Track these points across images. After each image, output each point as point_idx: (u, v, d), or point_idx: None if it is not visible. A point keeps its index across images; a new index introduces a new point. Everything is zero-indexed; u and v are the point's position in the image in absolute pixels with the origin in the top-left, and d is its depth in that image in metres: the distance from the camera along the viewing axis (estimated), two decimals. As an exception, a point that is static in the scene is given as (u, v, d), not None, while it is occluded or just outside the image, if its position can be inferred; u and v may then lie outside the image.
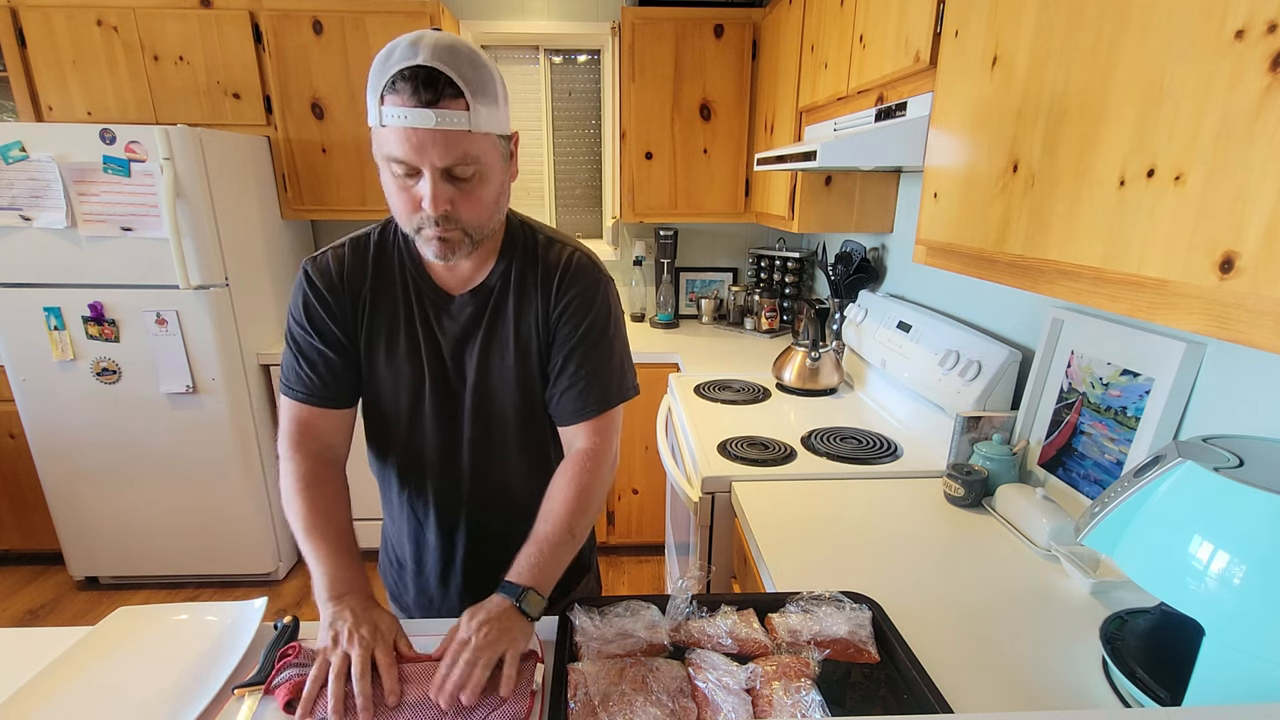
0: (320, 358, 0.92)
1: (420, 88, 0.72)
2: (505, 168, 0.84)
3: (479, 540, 1.02)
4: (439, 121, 0.73)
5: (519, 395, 0.96)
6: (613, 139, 2.89)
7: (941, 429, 1.46)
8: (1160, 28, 0.66)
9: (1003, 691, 0.78)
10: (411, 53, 0.73)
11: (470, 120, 0.75)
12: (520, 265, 0.94)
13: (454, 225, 0.80)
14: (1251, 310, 0.58)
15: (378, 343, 0.93)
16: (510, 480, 1.00)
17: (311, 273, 0.92)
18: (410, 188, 0.78)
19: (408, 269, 0.93)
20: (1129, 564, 0.68)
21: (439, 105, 0.73)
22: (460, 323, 0.93)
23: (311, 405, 0.93)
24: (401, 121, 0.73)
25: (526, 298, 0.94)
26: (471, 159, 0.77)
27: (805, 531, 1.16)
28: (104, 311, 2.20)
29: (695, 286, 3.08)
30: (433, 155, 0.75)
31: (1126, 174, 0.70)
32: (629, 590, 2.54)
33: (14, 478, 2.47)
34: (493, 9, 2.74)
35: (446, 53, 0.74)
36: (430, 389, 0.94)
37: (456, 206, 0.79)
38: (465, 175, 0.78)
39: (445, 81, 0.73)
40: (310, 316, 0.92)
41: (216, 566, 2.49)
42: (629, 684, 0.71)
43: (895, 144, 1.25)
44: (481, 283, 0.93)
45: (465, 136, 0.75)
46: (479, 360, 0.93)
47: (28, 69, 2.35)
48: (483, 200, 0.81)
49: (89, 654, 0.80)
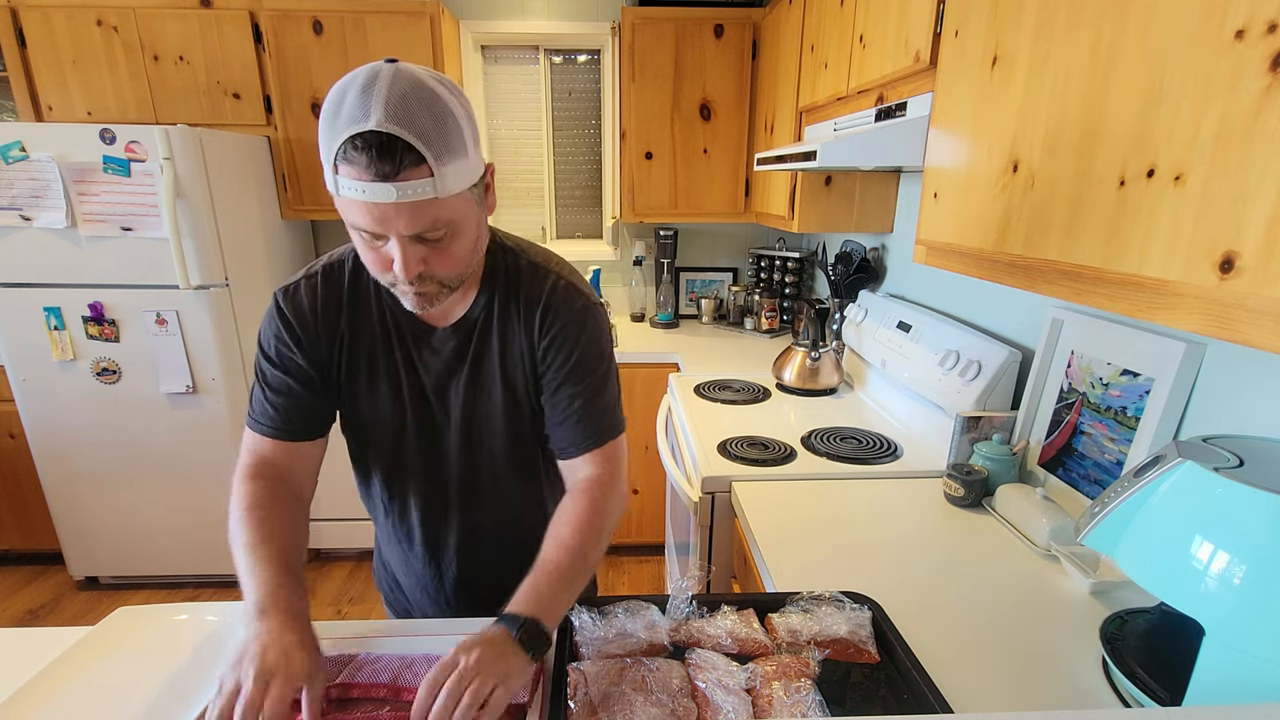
0: (287, 391, 0.87)
1: (376, 159, 0.64)
2: (480, 212, 0.78)
3: (470, 573, 1.00)
4: (401, 195, 0.66)
5: (506, 428, 0.92)
6: (613, 139, 2.89)
7: (941, 429, 1.46)
8: (1160, 28, 0.66)
9: (1003, 691, 0.78)
10: (362, 112, 0.64)
11: (436, 186, 0.68)
12: (503, 294, 0.89)
13: (430, 281, 0.76)
14: (1251, 310, 0.58)
15: (358, 377, 0.90)
16: (503, 515, 0.98)
17: (284, 305, 0.86)
18: (379, 249, 0.73)
19: (384, 301, 0.88)
20: (1129, 564, 0.68)
21: (399, 178, 0.65)
22: (443, 357, 0.89)
23: (276, 439, 0.88)
24: (360, 196, 0.66)
25: (510, 328, 0.89)
26: (442, 223, 0.71)
27: (805, 531, 1.16)
28: (104, 311, 2.20)
29: (695, 286, 3.08)
30: (398, 225, 0.69)
31: (1126, 174, 0.70)
32: (629, 590, 2.54)
33: (14, 478, 2.47)
34: (493, 9, 2.74)
35: (401, 108, 0.65)
36: (413, 424, 0.91)
37: (430, 265, 0.74)
38: (436, 237, 0.72)
39: (404, 148, 0.65)
40: (279, 350, 0.87)
41: (216, 566, 2.49)
42: (629, 684, 0.71)
43: (895, 144, 1.25)
44: (464, 315, 0.89)
45: (433, 204, 0.69)
46: (465, 395, 0.90)
47: (28, 69, 2.35)
48: (457, 255, 0.76)
49: (89, 654, 0.80)
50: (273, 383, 0.87)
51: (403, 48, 2.39)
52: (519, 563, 0.79)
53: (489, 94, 2.90)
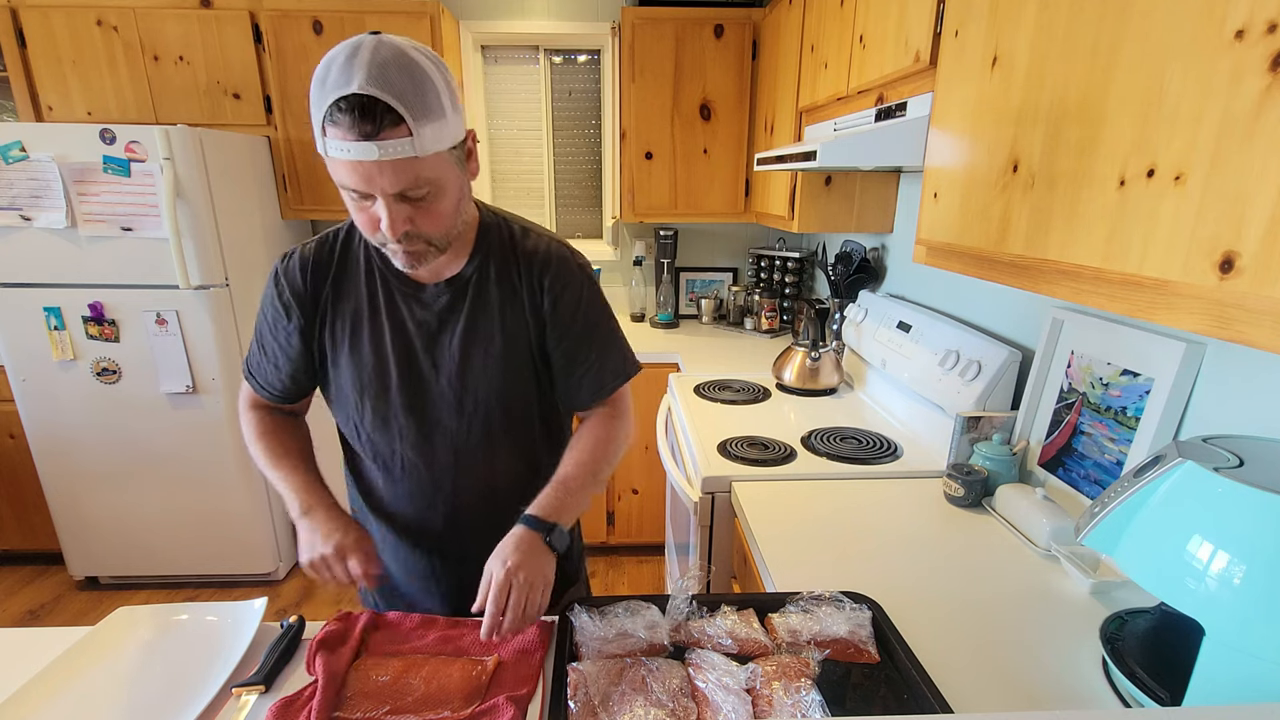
0: (274, 354, 0.96)
1: (358, 120, 0.69)
2: (462, 174, 0.83)
3: (462, 543, 0.99)
4: (382, 153, 0.71)
5: (504, 386, 0.94)
6: (613, 139, 2.89)
7: (941, 429, 1.46)
8: (1160, 27, 0.66)
9: (1003, 691, 0.78)
10: (345, 78, 0.70)
11: (415, 145, 0.72)
12: (500, 256, 0.94)
13: (417, 239, 0.80)
14: (1251, 310, 0.58)
15: (341, 333, 0.93)
16: (497, 480, 0.98)
17: (280, 271, 0.93)
18: (368, 209, 0.77)
19: (374, 261, 0.93)
20: (1129, 564, 0.68)
21: (380, 136, 0.70)
22: (435, 311, 0.92)
23: (263, 396, 1.00)
24: (345, 155, 0.71)
25: (510, 287, 0.93)
26: (423, 182, 0.76)
27: (805, 531, 1.16)
28: (104, 311, 2.20)
29: (695, 286, 3.08)
30: (382, 183, 0.74)
31: (1127, 174, 0.70)
32: (629, 590, 2.54)
33: (14, 478, 2.47)
34: (493, 9, 2.74)
35: (381, 73, 0.70)
36: (398, 379, 0.92)
37: (416, 223, 0.79)
38: (419, 195, 0.77)
39: (383, 109, 0.70)
40: (273, 315, 0.94)
41: (216, 566, 2.49)
42: (629, 684, 0.71)
43: (895, 144, 1.25)
44: (457, 274, 0.92)
45: (413, 162, 0.74)
46: (460, 350, 0.92)
47: (28, 69, 2.35)
48: (442, 213, 0.81)
49: (89, 654, 0.80)
50: (266, 345, 0.96)
51: (403, 48, 2.38)
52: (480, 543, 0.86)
53: (489, 94, 2.90)
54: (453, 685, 0.74)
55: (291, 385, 0.97)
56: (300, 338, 0.93)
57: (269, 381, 0.98)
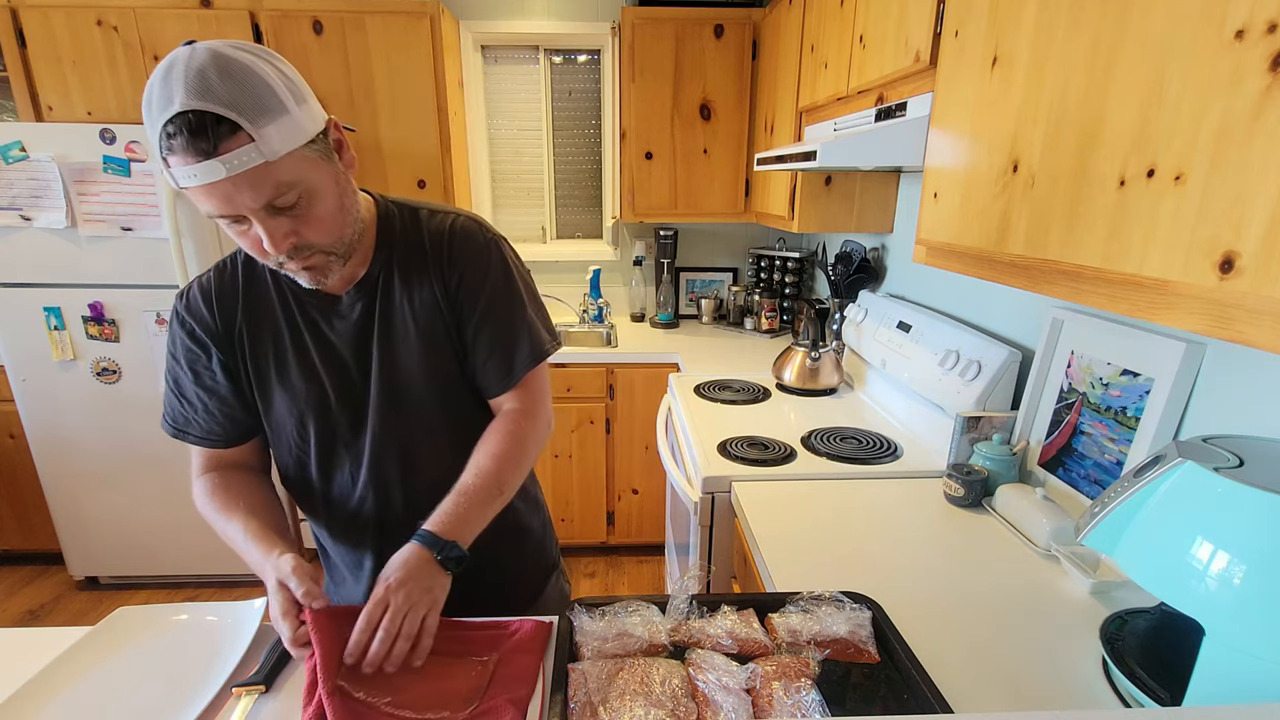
0: (200, 400, 0.88)
1: (191, 139, 0.63)
2: (333, 168, 0.75)
3: None
4: (229, 168, 0.64)
5: (430, 380, 0.90)
6: (613, 139, 2.89)
7: (941, 429, 1.46)
8: (1160, 27, 0.66)
9: (1003, 691, 0.78)
10: (165, 98, 0.63)
11: (261, 150, 0.66)
12: (403, 246, 0.88)
13: (310, 251, 0.74)
14: (1251, 310, 0.58)
15: (266, 367, 0.88)
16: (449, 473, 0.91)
17: (181, 310, 0.86)
18: (246, 232, 0.71)
19: (282, 282, 0.87)
20: (1129, 564, 0.68)
21: (220, 152, 0.64)
22: (353, 321, 0.87)
23: (207, 446, 0.91)
24: (193, 181, 0.65)
25: (416, 275, 0.88)
26: (287, 185, 0.69)
27: (805, 531, 1.16)
28: (104, 311, 2.20)
29: (695, 286, 3.08)
30: (242, 200, 0.67)
31: (1127, 174, 0.70)
32: (629, 590, 2.54)
33: (14, 478, 2.47)
34: (493, 9, 2.74)
35: (200, 83, 0.63)
36: (336, 400, 0.88)
37: (301, 234, 0.73)
38: (289, 203, 0.70)
39: (213, 120, 0.63)
40: (187, 357, 0.87)
41: (216, 566, 2.49)
42: (629, 684, 0.71)
43: (895, 144, 1.25)
44: (365, 274, 0.87)
45: (266, 169, 0.67)
46: (381, 353, 0.88)
47: (28, 69, 2.35)
48: (323, 217, 0.74)
49: (89, 654, 0.80)
50: (187, 394, 0.88)
51: (402, 48, 2.39)
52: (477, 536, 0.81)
53: (489, 94, 2.90)
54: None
55: (230, 425, 0.90)
56: (225, 373, 0.87)
57: (204, 430, 0.89)
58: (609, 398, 2.49)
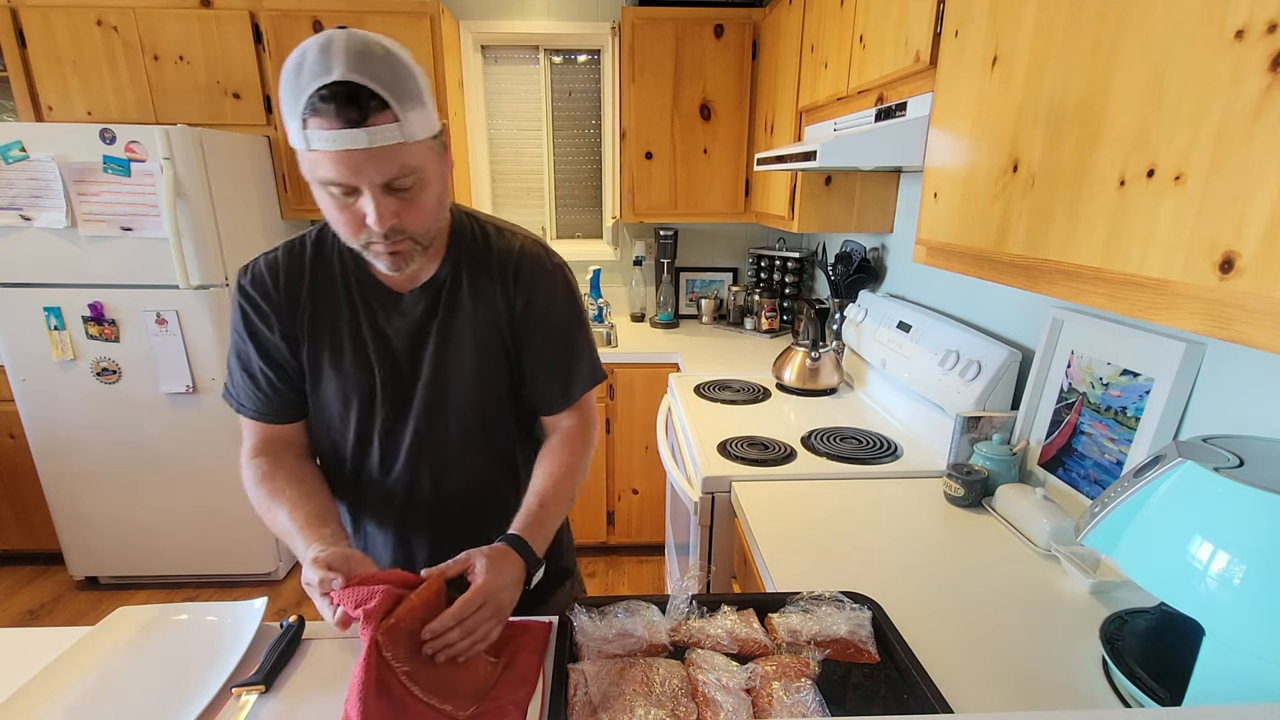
0: (263, 373, 0.90)
1: (345, 107, 0.68)
2: (442, 165, 0.81)
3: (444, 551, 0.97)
4: (372, 140, 0.70)
5: (476, 388, 0.93)
6: (613, 139, 2.89)
7: (941, 429, 1.46)
8: (1160, 27, 0.66)
9: (1003, 692, 0.78)
10: (324, 67, 0.68)
11: (403, 130, 0.72)
12: (471, 256, 0.92)
13: (402, 236, 0.78)
14: (1251, 310, 0.58)
15: (321, 349, 0.90)
16: (473, 482, 0.97)
17: (245, 284, 0.89)
18: (350, 206, 0.75)
19: (349, 270, 0.90)
20: (1129, 564, 0.68)
21: (368, 123, 0.69)
22: (413, 319, 0.91)
23: (265, 422, 0.94)
24: (331, 145, 0.69)
25: (482, 289, 0.91)
26: (410, 169, 0.74)
27: (805, 531, 1.16)
28: (104, 311, 2.20)
29: (695, 286, 3.08)
30: (370, 174, 0.72)
31: (1127, 174, 0.70)
32: (629, 590, 2.54)
33: (14, 478, 2.47)
34: (493, 9, 2.74)
35: (361, 59, 0.69)
36: (382, 391, 0.91)
37: (402, 217, 0.77)
38: (405, 186, 0.75)
39: (369, 95, 0.69)
40: (250, 329, 0.89)
41: (216, 566, 2.49)
42: (629, 684, 0.71)
43: (895, 144, 1.25)
44: (432, 277, 0.90)
45: (400, 149, 0.72)
46: (436, 355, 0.91)
47: (28, 69, 2.35)
48: (426, 206, 0.79)
49: (89, 654, 0.80)
50: (251, 369, 0.91)
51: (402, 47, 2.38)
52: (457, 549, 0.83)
53: (489, 94, 2.90)
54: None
55: (287, 401, 0.93)
56: (288, 347, 0.90)
57: (262, 405, 0.93)
58: (609, 398, 2.49)
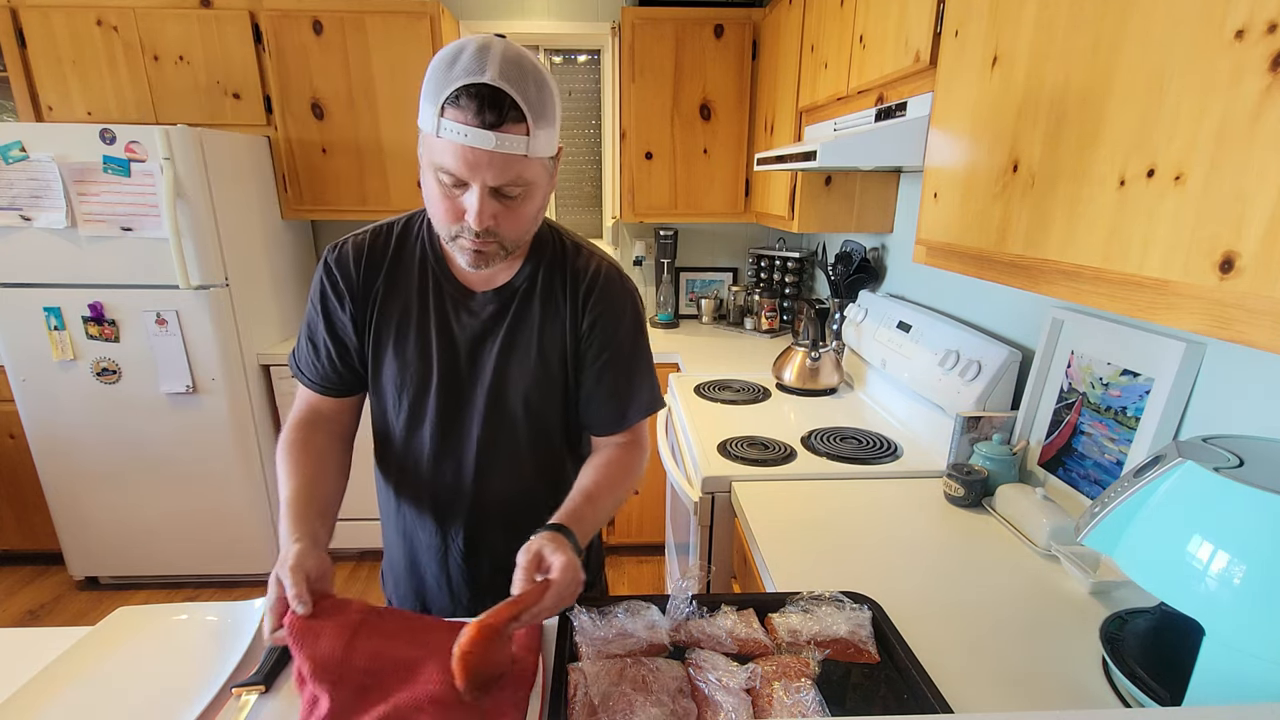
0: (325, 346, 0.94)
1: (485, 108, 0.71)
2: (549, 183, 0.84)
3: (476, 551, 1.00)
4: (499, 145, 0.73)
5: (533, 397, 0.95)
6: (613, 139, 2.89)
7: (941, 429, 1.46)
8: (1160, 27, 0.66)
9: (1003, 692, 0.78)
10: (478, 66, 0.71)
11: (529, 145, 0.75)
12: (549, 270, 0.94)
13: (492, 239, 0.80)
14: (1251, 310, 0.58)
15: (386, 334, 0.93)
16: (517, 488, 0.98)
17: (330, 260, 0.93)
18: (455, 197, 0.78)
19: (429, 261, 0.93)
20: (1129, 564, 0.68)
21: (501, 128, 0.72)
22: (482, 319, 0.92)
23: (316, 391, 0.97)
24: (461, 139, 0.72)
25: (553, 303, 0.94)
26: (522, 181, 0.77)
27: (805, 531, 1.16)
28: (104, 311, 2.20)
29: (695, 286, 3.08)
30: (486, 174, 0.75)
31: (1127, 174, 0.70)
32: (629, 590, 2.53)
33: (14, 478, 2.47)
34: (493, 9, 2.74)
35: (514, 71, 0.73)
36: (438, 383, 0.92)
37: (499, 222, 0.79)
38: (513, 194, 0.78)
39: (510, 104, 0.72)
40: (324, 304, 0.93)
41: (216, 566, 2.49)
42: (629, 684, 0.71)
43: (895, 144, 1.25)
44: (507, 282, 0.92)
45: (521, 160, 0.75)
46: (498, 359, 0.92)
47: (28, 69, 2.35)
48: (525, 217, 0.82)
49: (89, 654, 0.80)
50: (314, 335, 0.94)
51: (402, 48, 2.39)
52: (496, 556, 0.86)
53: (489, 94, 2.90)
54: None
55: (342, 376, 0.96)
56: (353, 326, 0.93)
57: (318, 375, 0.96)
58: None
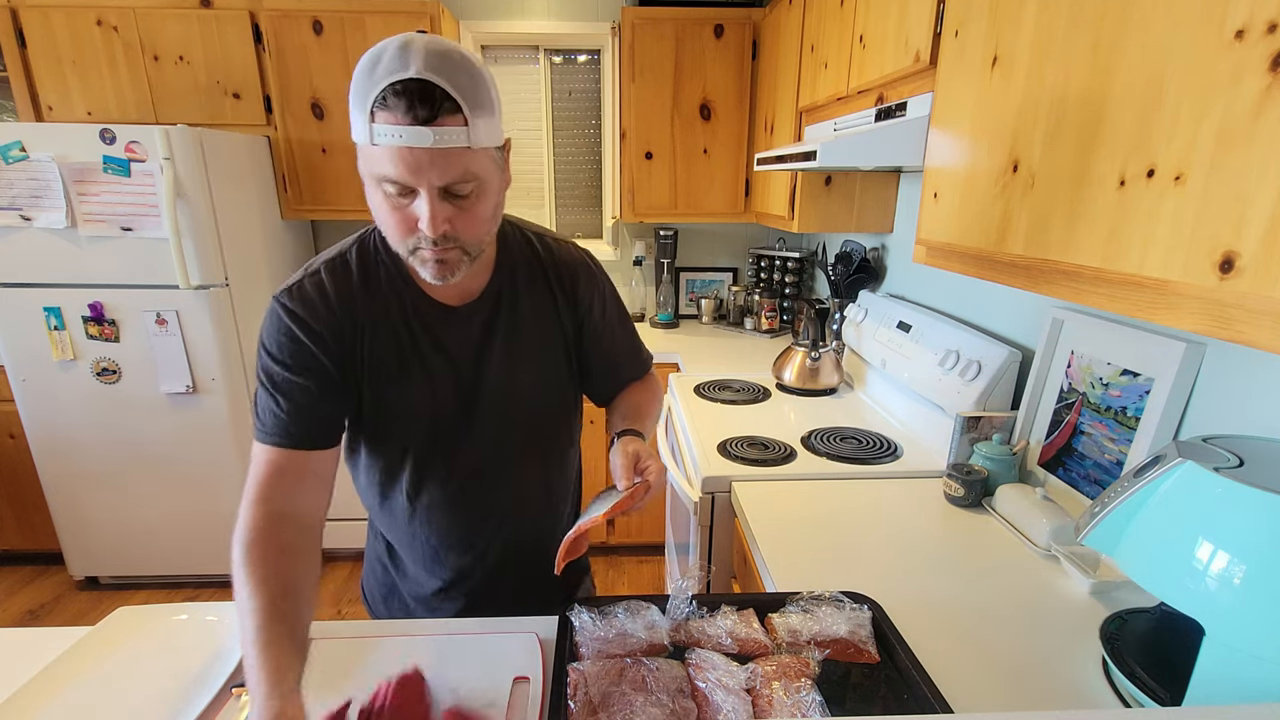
0: (299, 393, 0.82)
1: (415, 104, 0.67)
2: (501, 178, 0.80)
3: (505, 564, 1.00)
4: (437, 140, 0.68)
5: (545, 392, 0.96)
6: (613, 139, 2.89)
7: (941, 429, 1.46)
8: (1160, 27, 0.66)
9: (1003, 691, 0.78)
10: (401, 63, 0.67)
11: (470, 136, 0.70)
12: (525, 269, 0.93)
13: (452, 244, 0.76)
14: (1251, 310, 0.58)
15: (386, 366, 0.87)
16: (523, 493, 0.99)
17: (291, 305, 0.83)
18: (404, 207, 0.74)
19: (399, 286, 0.87)
20: (1129, 564, 0.68)
21: (436, 122, 0.68)
22: (473, 331, 0.90)
23: (286, 449, 0.82)
24: (396, 141, 0.68)
25: (543, 297, 0.94)
26: (471, 176, 0.73)
27: (805, 531, 1.16)
28: (104, 311, 2.20)
29: (695, 286, 3.08)
30: (431, 175, 0.70)
31: (1127, 174, 0.70)
32: (629, 590, 2.53)
33: (14, 478, 2.47)
34: (493, 9, 2.74)
35: (440, 61, 0.68)
36: (451, 403, 0.91)
37: (455, 225, 0.75)
38: (464, 193, 0.74)
39: (442, 95, 0.68)
40: (294, 352, 0.82)
41: (216, 566, 2.49)
42: (629, 684, 0.71)
43: (895, 144, 1.25)
44: (485, 290, 0.90)
45: (464, 154, 0.71)
46: (504, 364, 0.91)
47: (28, 69, 2.35)
48: (481, 216, 0.78)
49: (89, 654, 0.80)
50: (284, 388, 0.82)
51: (403, 48, 2.39)
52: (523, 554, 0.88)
53: (489, 94, 2.90)
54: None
55: (320, 420, 0.85)
56: (337, 367, 0.85)
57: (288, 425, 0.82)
58: (609, 398, 2.49)
